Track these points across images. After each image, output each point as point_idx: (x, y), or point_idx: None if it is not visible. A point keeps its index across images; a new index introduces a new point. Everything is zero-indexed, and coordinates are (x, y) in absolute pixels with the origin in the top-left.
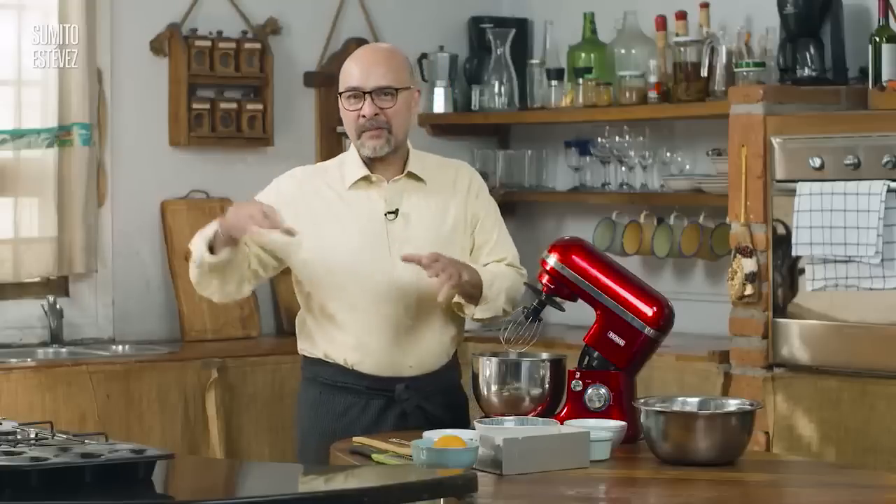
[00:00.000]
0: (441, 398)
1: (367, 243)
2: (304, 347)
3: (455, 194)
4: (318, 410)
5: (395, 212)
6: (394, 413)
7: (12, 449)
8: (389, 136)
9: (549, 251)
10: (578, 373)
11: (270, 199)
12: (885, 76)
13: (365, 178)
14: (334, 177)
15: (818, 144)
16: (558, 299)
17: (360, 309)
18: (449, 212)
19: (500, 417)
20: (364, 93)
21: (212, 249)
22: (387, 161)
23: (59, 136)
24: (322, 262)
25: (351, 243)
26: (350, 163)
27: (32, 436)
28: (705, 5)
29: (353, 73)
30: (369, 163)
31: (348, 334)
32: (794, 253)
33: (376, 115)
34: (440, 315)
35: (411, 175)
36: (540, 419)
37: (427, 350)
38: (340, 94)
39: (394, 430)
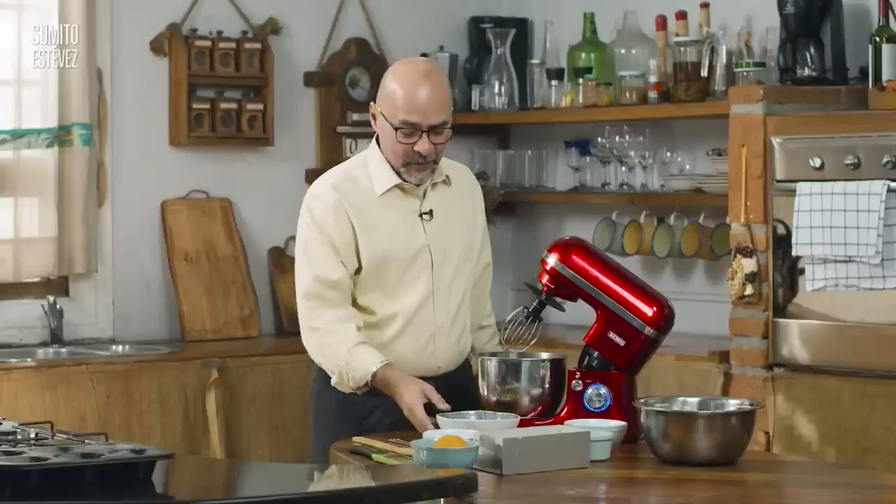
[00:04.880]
0: (463, 395)
1: (411, 243)
2: None
3: (473, 200)
4: (341, 414)
5: (430, 212)
6: None
7: (12, 449)
8: (434, 165)
9: (549, 251)
10: (578, 373)
11: (330, 226)
12: (885, 76)
13: (398, 186)
14: (365, 183)
15: (818, 144)
16: (558, 299)
17: (402, 309)
18: (470, 214)
19: None
20: (422, 131)
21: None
22: None
23: (59, 136)
24: (375, 263)
25: (397, 244)
26: (377, 165)
27: (32, 436)
28: (705, 5)
29: (414, 106)
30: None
31: (385, 335)
32: (794, 253)
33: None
34: (462, 315)
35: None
36: None
37: (454, 349)
38: (394, 125)
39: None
